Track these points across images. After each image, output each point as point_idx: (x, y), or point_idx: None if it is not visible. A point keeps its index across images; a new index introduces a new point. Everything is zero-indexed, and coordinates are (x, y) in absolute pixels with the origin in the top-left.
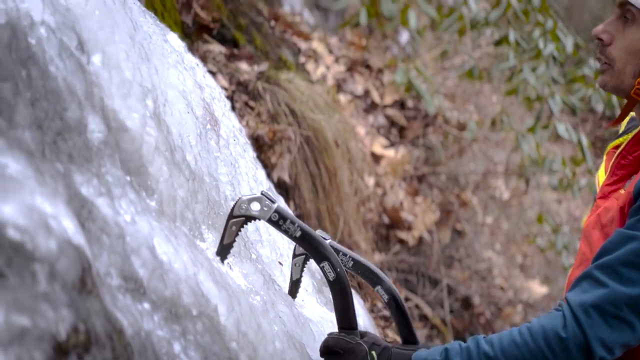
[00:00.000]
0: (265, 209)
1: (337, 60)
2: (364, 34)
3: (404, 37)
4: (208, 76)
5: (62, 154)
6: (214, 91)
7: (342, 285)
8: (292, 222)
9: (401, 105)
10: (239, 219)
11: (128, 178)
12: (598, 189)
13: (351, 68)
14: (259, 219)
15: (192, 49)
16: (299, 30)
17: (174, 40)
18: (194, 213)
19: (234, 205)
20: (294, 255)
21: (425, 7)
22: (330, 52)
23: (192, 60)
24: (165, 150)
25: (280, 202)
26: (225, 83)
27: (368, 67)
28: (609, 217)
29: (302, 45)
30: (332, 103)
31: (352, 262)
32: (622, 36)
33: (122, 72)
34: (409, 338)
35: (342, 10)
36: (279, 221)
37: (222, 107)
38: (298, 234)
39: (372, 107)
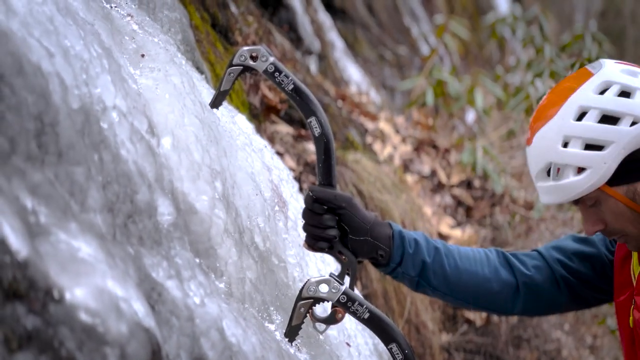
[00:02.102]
0: (334, 290)
1: (404, 140)
2: (430, 113)
3: (471, 116)
4: (276, 158)
5: (132, 237)
6: (282, 173)
7: None
8: (360, 304)
9: (468, 184)
10: (307, 300)
11: (197, 260)
12: (635, 282)
13: (418, 148)
14: (328, 301)
15: (259, 130)
16: (366, 111)
17: (242, 121)
18: (263, 294)
19: (303, 287)
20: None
21: (491, 87)
22: (397, 132)
23: (260, 141)
24: (234, 232)
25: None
26: (292, 164)
27: (435, 146)
28: None
29: (369, 125)
30: (399, 183)
31: (368, 314)
32: (607, 214)
33: (191, 154)
34: None
35: (408, 89)
36: (347, 303)
37: (290, 188)
38: (366, 315)
39: (439, 187)
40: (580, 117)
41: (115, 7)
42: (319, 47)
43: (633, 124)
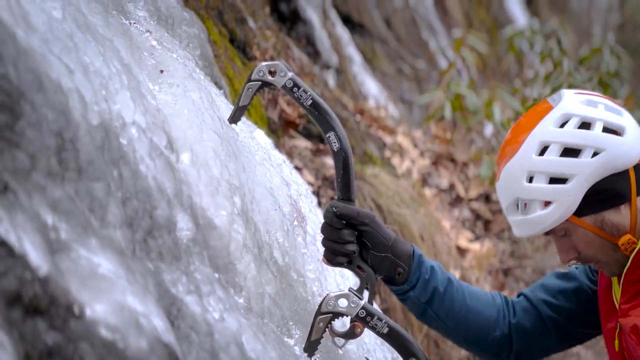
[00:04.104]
0: (353, 305)
1: (422, 154)
2: (448, 127)
3: (489, 130)
4: (295, 173)
5: (152, 252)
6: (301, 187)
7: None
8: (380, 319)
9: (486, 198)
10: (326, 315)
11: (216, 275)
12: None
13: (436, 162)
14: (347, 315)
15: (278, 144)
16: (384, 125)
17: (261, 136)
18: (282, 309)
19: (322, 302)
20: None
21: (509, 101)
22: (415, 145)
23: (279, 156)
24: (253, 247)
25: (367, 298)
26: (311, 178)
27: (453, 160)
28: None
29: (387, 139)
30: (418, 197)
31: (387, 329)
32: (578, 243)
33: (210, 170)
34: None
35: (426, 103)
36: (366, 317)
37: (308, 203)
38: (385, 330)
39: (457, 201)
40: (542, 151)
41: (135, 23)
42: (336, 61)
43: (594, 154)
